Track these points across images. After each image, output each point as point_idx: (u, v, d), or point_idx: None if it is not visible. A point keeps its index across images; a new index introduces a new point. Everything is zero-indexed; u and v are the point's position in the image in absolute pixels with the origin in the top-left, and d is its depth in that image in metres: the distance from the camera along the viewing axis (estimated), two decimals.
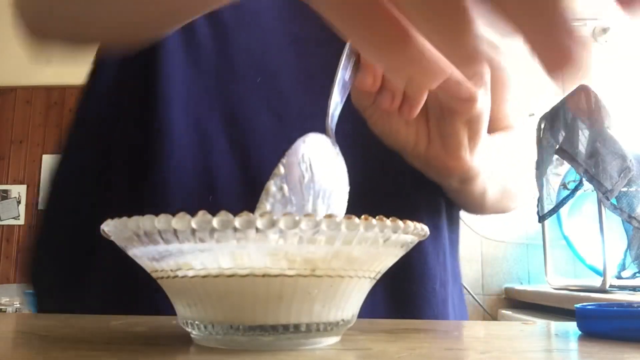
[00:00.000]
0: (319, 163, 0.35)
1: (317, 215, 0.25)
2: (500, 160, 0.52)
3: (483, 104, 0.42)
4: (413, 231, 0.28)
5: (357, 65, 0.39)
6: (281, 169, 0.33)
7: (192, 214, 0.24)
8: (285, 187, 0.33)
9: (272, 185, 0.33)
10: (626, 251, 1.74)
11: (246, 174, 0.50)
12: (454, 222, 0.61)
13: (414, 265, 0.53)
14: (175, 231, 0.24)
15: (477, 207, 0.58)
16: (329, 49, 0.53)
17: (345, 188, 0.36)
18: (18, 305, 1.87)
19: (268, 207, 0.32)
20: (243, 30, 0.52)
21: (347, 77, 0.38)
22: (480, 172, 0.48)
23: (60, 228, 0.54)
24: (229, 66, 0.52)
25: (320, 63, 0.52)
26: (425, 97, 0.40)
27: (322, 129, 0.51)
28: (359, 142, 0.50)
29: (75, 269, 0.52)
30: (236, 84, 0.52)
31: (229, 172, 0.50)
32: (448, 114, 0.43)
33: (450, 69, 0.39)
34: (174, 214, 0.24)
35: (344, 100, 0.38)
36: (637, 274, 1.70)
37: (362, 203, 0.35)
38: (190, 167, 0.49)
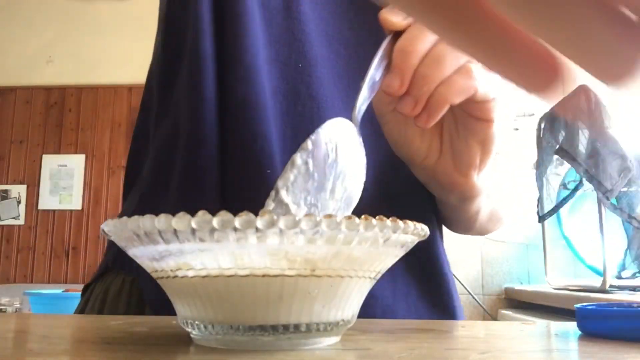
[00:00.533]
0: (344, 146, 0.35)
1: (334, 195, 0.25)
2: (491, 183, 0.53)
3: (498, 126, 0.43)
4: (413, 231, 0.28)
5: (388, 68, 0.39)
6: (309, 144, 0.34)
7: (193, 213, 0.24)
8: (311, 162, 0.33)
9: (298, 158, 0.33)
10: (626, 251, 1.74)
11: (259, 161, 0.51)
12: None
13: (436, 263, 0.56)
14: (175, 231, 0.24)
15: (467, 226, 0.60)
16: (353, 52, 0.55)
17: (363, 177, 0.37)
18: (18, 305, 1.87)
19: (292, 177, 0.32)
20: (287, 18, 0.54)
21: (377, 77, 0.39)
22: (481, 192, 0.49)
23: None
24: (272, 50, 0.53)
25: (346, 63, 0.55)
26: (445, 110, 0.40)
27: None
28: (375, 141, 0.51)
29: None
30: (278, 68, 0.53)
31: (277, 149, 0.50)
32: (463, 131, 0.44)
33: (476, 88, 0.39)
34: (174, 214, 0.24)
35: (371, 97, 0.39)
36: (637, 274, 1.70)
37: (374, 200, 0.36)
38: (249, 138, 0.49)
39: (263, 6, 0.53)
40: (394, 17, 0.39)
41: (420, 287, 0.54)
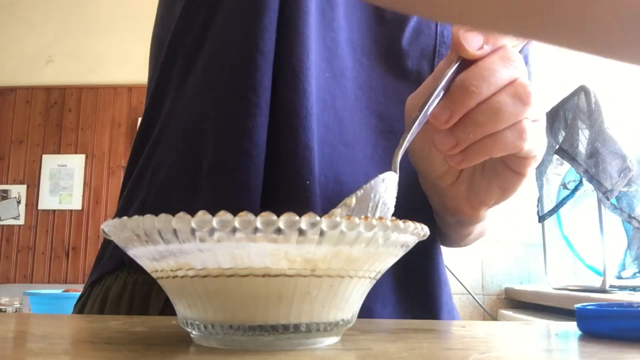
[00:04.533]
0: (383, 206, 0.34)
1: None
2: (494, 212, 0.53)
3: (527, 181, 0.41)
4: (413, 231, 0.28)
5: (446, 94, 0.36)
6: (353, 201, 0.32)
7: (192, 213, 0.24)
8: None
9: (338, 215, 0.32)
10: (626, 251, 1.74)
11: (299, 171, 0.47)
12: None
13: (434, 272, 0.55)
14: (175, 231, 0.24)
15: (454, 242, 0.59)
16: (375, 63, 0.54)
17: None
18: (18, 305, 1.87)
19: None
20: (321, 25, 0.52)
21: (429, 112, 0.36)
22: (482, 221, 0.48)
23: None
24: (304, 57, 0.50)
25: (367, 75, 0.53)
26: (483, 160, 0.38)
27: (373, 137, 0.51)
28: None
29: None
30: (308, 76, 0.50)
31: (290, 163, 0.47)
32: (490, 173, 0.42)
33: (523, 147, 0.37)
34: (174, 214, 0.24)
35: (416, 133, 0.36)
36: (637, 274, 1.70)
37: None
38: (293, 148, 0.47)
39: (317, 11, 0.50)
40: (470, 43, 0.35)
41: (403, 294, 0.54)
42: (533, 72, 0.62)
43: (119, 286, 0.51)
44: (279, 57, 0.47)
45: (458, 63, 0.36)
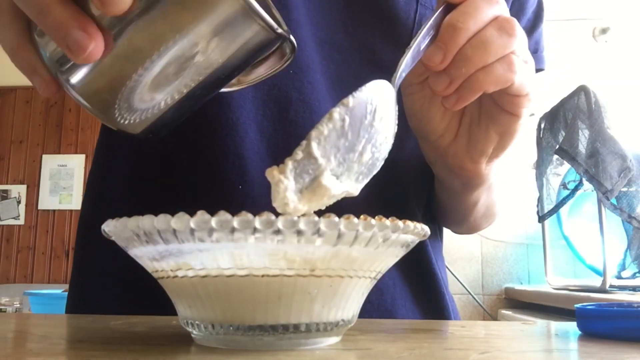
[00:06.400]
0: (381, 110, 0.34)
1: (362, 158, 0.27)
2: (497, 176, 0.53)
3: (523, 122, 0.42)
4: (413, 231, 0.28)
5: (434, 40, 0.38)
6: (350, 100, 0.32)
7: (192, 213, 0.24)
8: (347, 119, 0.32)
9: (336, 113, 0.31)
10: (626, 251, 1.74)
11: (230, 177, 0.50)
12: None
13: (432, 272, 0.56)
14: (174, 231, 0.24)
15: (462, 217, 0.59)
16: (348, 56, 0.54)
17: (390, 145, 0.36)
18: (18, 305, 1.87)
19: (325, 131, 0.31)
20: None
21: (422, 46, 0.37)
22: (486, 181, 0.48)
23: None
24: None
25: (340, 68, 0.54)
26: (477, 96, 0.39)
27: None
28: None
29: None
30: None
31: (259, 160, 0.50)
32: (486, 119, 0.43)
33: (514, 80, 0.38)
34: (173, 214, 0.24)
35: (413, 65, 0.37)
36: (637, 274, 1.70)
37: (361, 209, 0.35)
38: (221, 156, 0.50)
39: None
40: None
41: (406, 288, 0.55)
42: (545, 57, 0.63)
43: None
44: None
45: (443, 7, 0.38)
